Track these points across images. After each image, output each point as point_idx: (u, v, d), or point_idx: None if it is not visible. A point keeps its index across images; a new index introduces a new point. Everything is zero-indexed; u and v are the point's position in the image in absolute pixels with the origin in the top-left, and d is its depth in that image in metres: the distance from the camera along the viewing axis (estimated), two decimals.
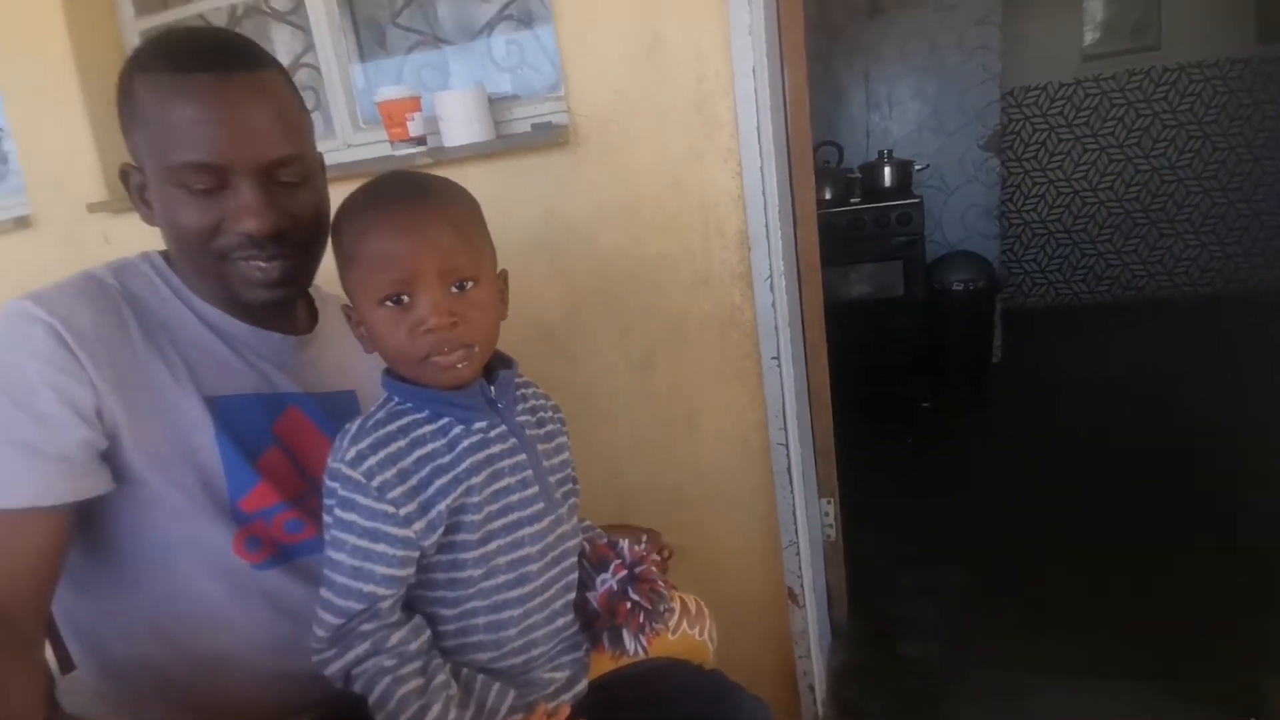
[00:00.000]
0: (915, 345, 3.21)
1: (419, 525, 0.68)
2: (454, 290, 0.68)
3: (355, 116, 1.67)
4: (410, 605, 0.72)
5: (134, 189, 0.78)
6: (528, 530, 0.75)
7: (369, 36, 1.81)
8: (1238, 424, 2.46)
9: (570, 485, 0.85)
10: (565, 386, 1.57)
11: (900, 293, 3.16)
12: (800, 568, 1.47)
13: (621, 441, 1.57)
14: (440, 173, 1.50)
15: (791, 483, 1.44)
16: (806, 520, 1.53)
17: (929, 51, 3.45)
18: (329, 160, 1.65)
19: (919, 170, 3.34)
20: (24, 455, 0.65)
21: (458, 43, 1.76)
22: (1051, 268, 4.32)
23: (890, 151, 3.29)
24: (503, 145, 1.43)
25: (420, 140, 1.54)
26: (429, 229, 0.67)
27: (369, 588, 0.67)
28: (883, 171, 3.23)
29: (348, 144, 1.67)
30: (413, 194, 0.70)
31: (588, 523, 0.95)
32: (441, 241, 0.68)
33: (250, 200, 0.73)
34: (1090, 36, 3.98)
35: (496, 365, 0.77)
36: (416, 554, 0.69)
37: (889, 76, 3.55)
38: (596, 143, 1.38)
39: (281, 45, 1.85)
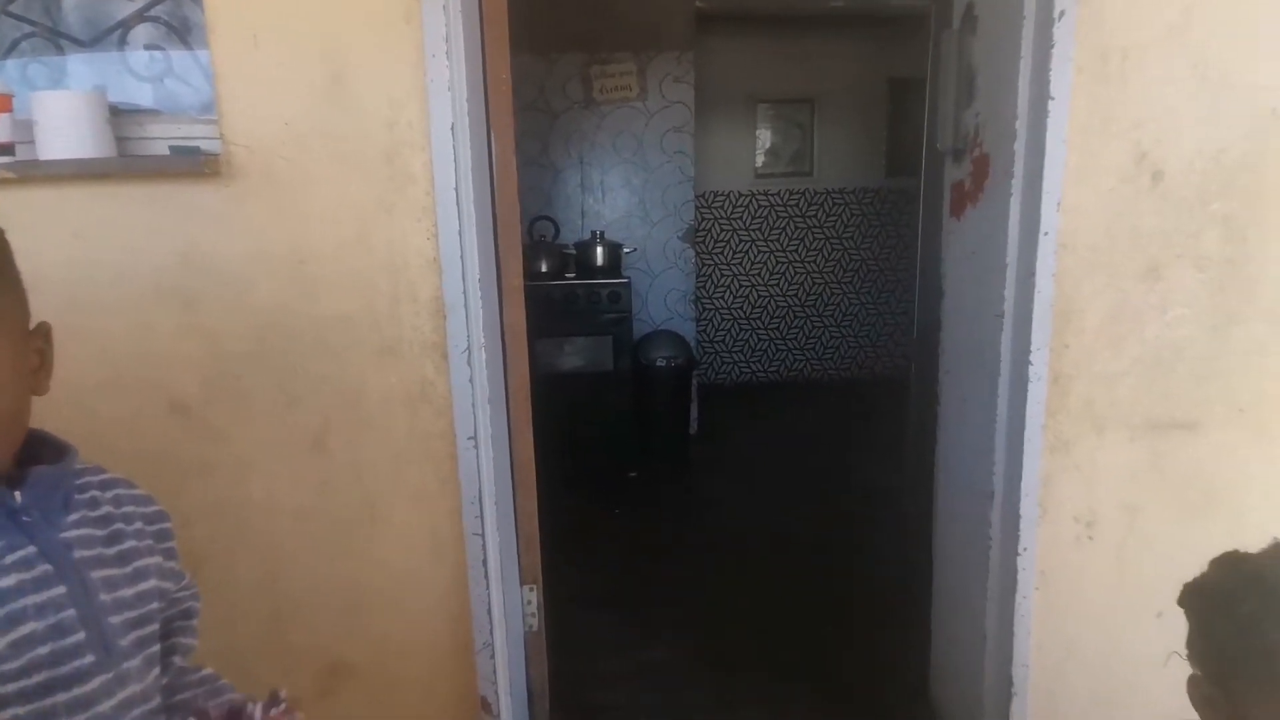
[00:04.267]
0: (623, 417, 3.32)
1: None
2: None
3: None
4: None
5: None
6: (62, 696, 0.52)
7: None
8: (882, 483, 2.93)
9: (150, 628, 0.61)
10: (206, 470, 1.26)
11: (610, 367, 3.27)
12: (495, 672, 1.32)
13: (283, 536, 1.29)
14: (26, 193, 1.14)
15: (488, 576, 1.30)
16: (505, 615, 1.39)
17: (636, 147, 3.75)
18: None
19: (628, 253, 3.56)
20: None
21: (82, 40, 1.39)
22: (736, 349, 4.90)
23: (603, 232, 3.47)
24: (123, 165, 1.13)
25: (6, 149, 1.16)
26: None
27: None
28: (595, 251, 3.37)
29: None
30: None
31: (206, 671, 0.71)
32: None
33: None
34: (760, 159, 4.72)
35: (39, 456, 0.55)
36: None
37: (602, 164, 3.78)
38: (258, 178, 1.15)
39: None
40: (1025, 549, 1.35)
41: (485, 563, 1.29)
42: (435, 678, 1.38)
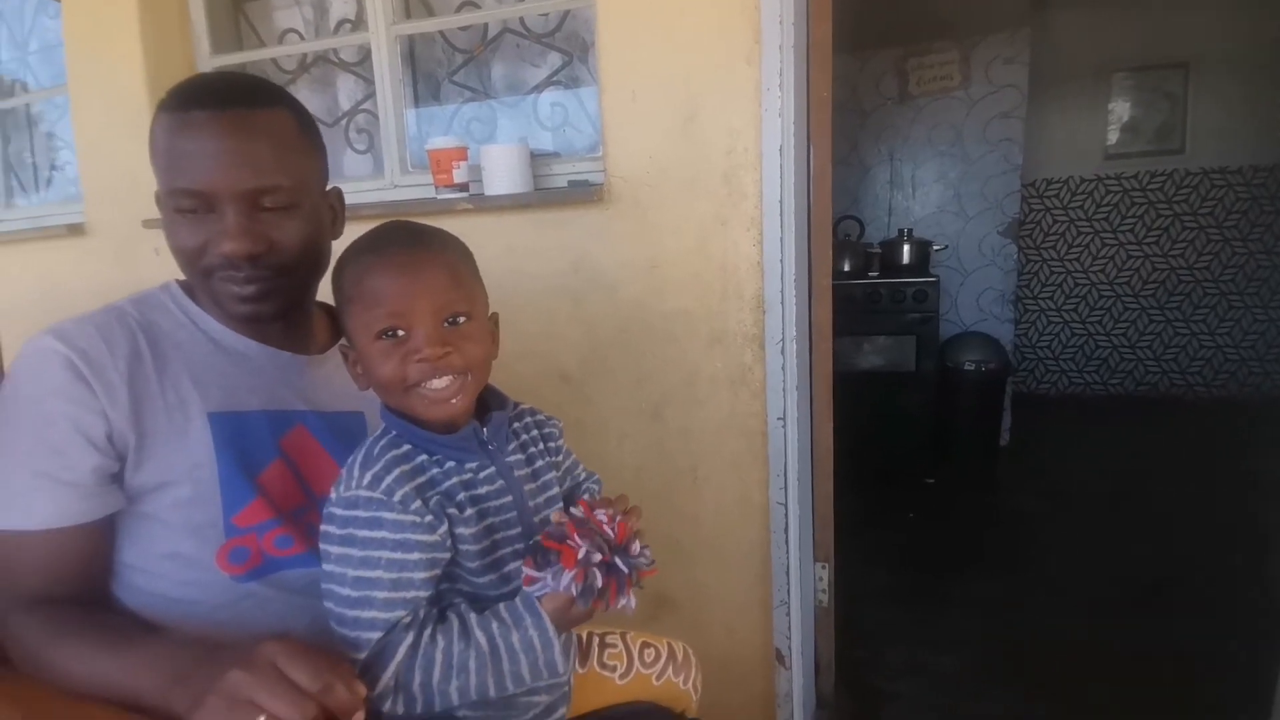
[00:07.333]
0: (923, 421, 3.23)
1: (443, 530, 0.72)
2: (447, 324, 0.73)
3: (405, 161, 1.79)
4: None
5: (161, 215, 0.85)
6: (513, 567, 0.77)
7: (425, 89, 1.94)
8: (1243, 525, 2.45)
9: None
10: (578, 427, 1.63)
11: (912, 368, 3.20)
12: (790, 629, 1.49)
13: (627, 487, 1.61)
14: (478, 219, 1.61)
15: (788, 543, 1.47)
16: (800, 582, 1.55)
17: (954, 139, 3.58)
18: (376, 199, 1.78)
19: (937, 250, 3.43)
20: (43, 484, 0.73)
21: (507, 100, 1.88)
22: (1065, 355, 4.35)
23: (910, 230, 3.39)
24: (539, 198, 1.53)
25: (463, 187, 1.64)
26: (423, 269, 0.73)
27: (411, 594, 0.70)
28: (902, 249, 3.32)
29: (395, 184, 1.78)
30: (409, 239, 0.75)
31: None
32: (435, 280, 0.72)
33: (229, 224, 0.78)
34: (1114, 136, 4.11)
35: (491, 406, 0.81)
36: (446, 556, 0.72)
37: (914, 159, 3.68)
38: (628, 202, 1.47)
39: (344, 92, 1.99)
40: None
41: (786, 529, 1.46)
42: (738, 625, 1.59)
